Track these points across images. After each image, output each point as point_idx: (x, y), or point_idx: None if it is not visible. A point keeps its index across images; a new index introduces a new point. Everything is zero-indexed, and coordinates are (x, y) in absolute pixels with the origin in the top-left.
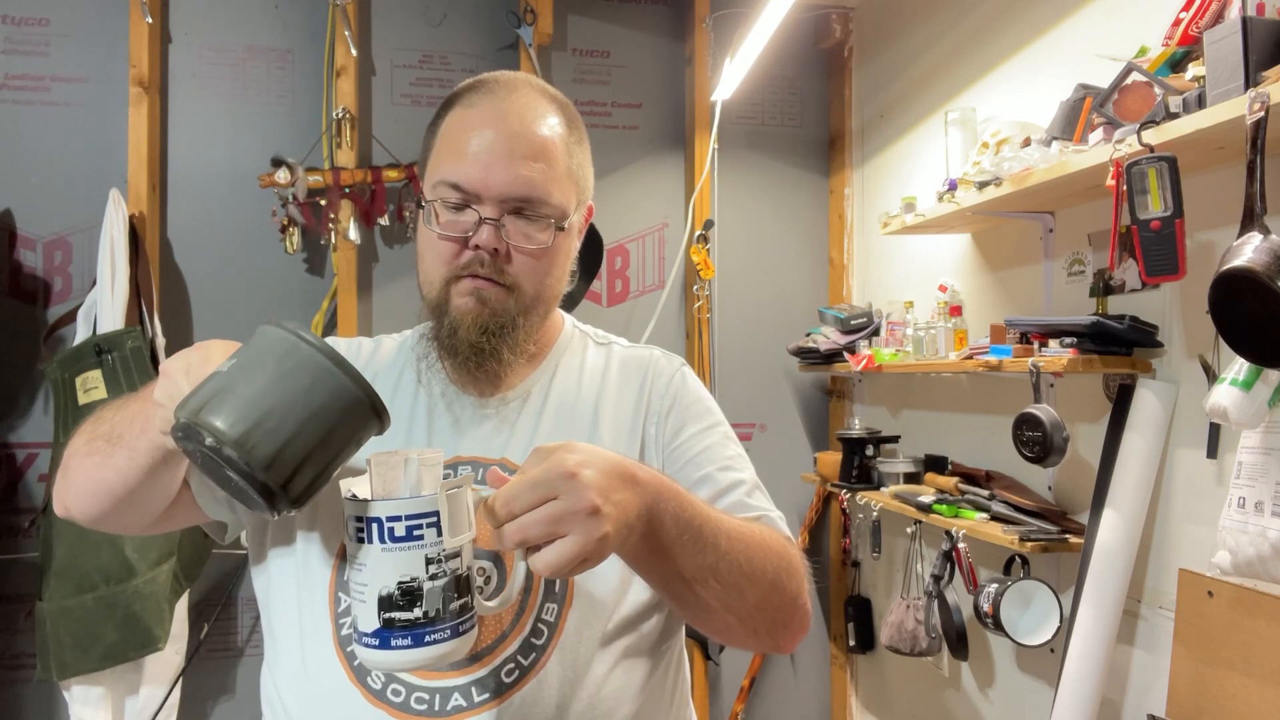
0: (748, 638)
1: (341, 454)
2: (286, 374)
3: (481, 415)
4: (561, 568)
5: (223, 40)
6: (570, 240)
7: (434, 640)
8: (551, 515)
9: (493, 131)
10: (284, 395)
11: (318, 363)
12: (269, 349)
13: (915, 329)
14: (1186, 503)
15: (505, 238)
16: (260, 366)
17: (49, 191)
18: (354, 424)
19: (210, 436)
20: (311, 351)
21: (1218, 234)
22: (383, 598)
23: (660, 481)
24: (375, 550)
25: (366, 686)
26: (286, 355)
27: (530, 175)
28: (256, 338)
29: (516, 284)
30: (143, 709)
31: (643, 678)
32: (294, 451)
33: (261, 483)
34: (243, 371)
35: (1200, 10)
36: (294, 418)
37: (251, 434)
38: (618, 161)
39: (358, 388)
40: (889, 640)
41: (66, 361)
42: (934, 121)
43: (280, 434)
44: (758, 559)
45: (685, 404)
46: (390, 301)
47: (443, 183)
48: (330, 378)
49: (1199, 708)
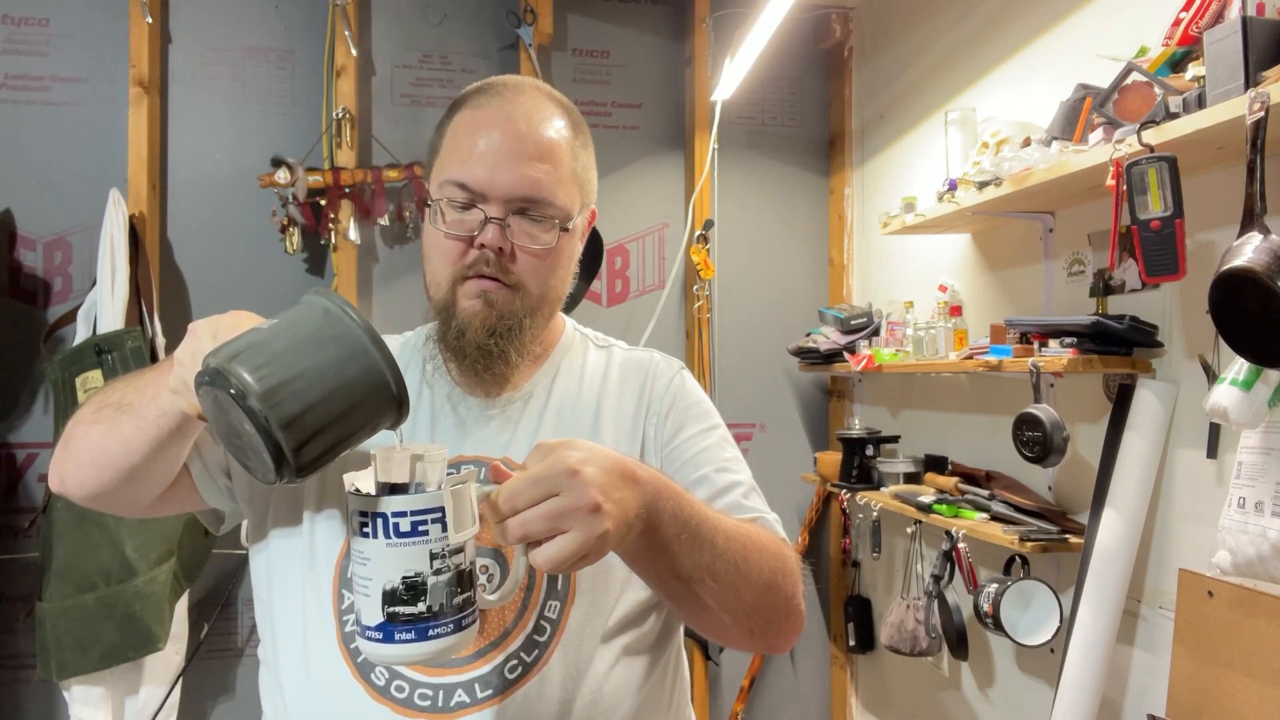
0: (743, 637)
1: (357, 434)
2: (325, 341)
3: (485, 416)
4: (561, 563)
5: (223, 40)
6: (574, 243)
7: (437, 634)
8: (553, 511)
9: (499, 133)
10: (318, 362)
11: (357, 339)
12: (312, 317)
13: (915, 329)
14: (1186, 503)
15: (510, 237)
16: (300, 331)
17: (49, 191)
18: (377, 407)
19: (238, 383)
20: (353, 326)
21: (1218, 234)
22: (387, 592)
23: (659, 481)
24: (380, 545)
25: (370, 683)
26: (329, 324)
27: (536, 176)
28: (300, 305)
29: (521, 284)
30: (143, 709)
31: (642, 675)
32: (315, 418)
33: (276, 441)
34: (282, 332)
35: (1200, 10)
36: (323, 385)
37: (279, 390)
38: (618, 161)
39: (389, 372)
40: (889, 640)
41: (66, 361)
42: (934, 121)
43: (307, 397)
44: (754, 559)
45: (684, 406)
46: (390, 301)
47: (449, 182)
48: (366, 357)
49: (1199, 708)
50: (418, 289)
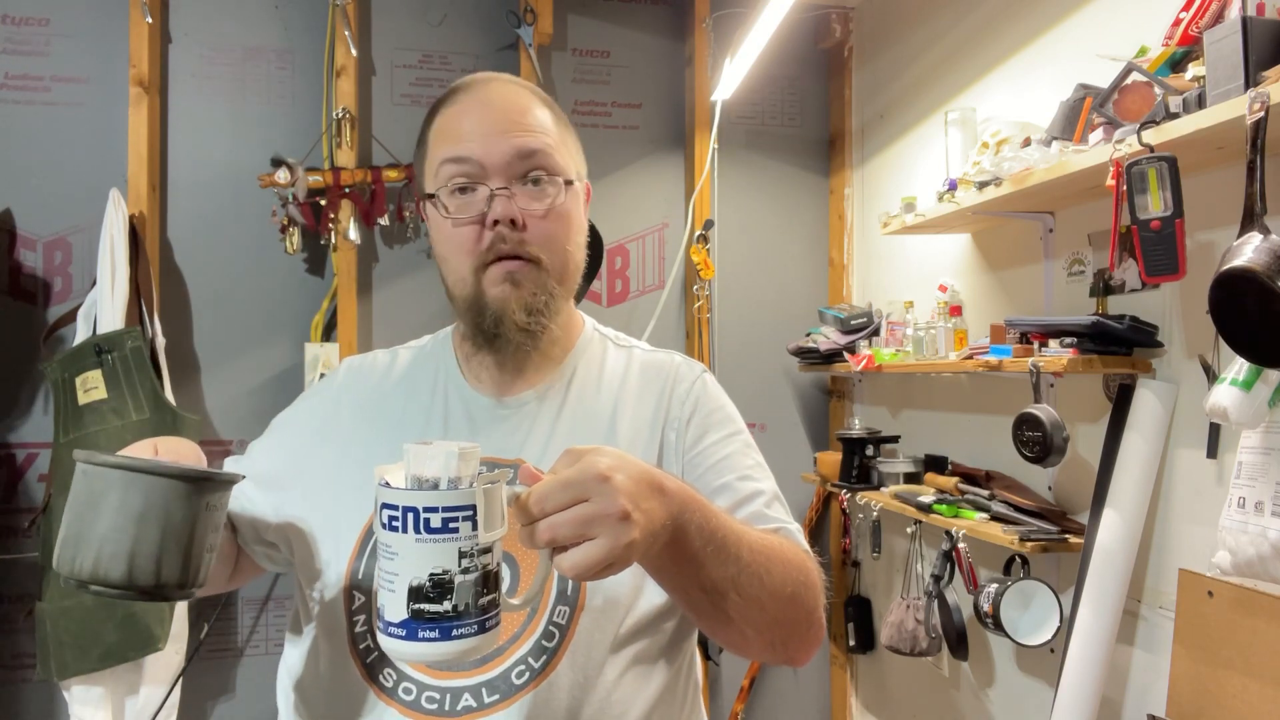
0: (764, 650)
1: (196, 530)
2: (98, 496)
3: (498, 416)
4: (586, 570)
5: (223, 40)
6: (579, 205)
7: (461, 634)
8: (582, 517)
9: (481, 113)
10: (109, 517)
11: (116, 476)
12: (81, 484)
13: (915, 329)
14: (1186, 503)
15: (518, 205)
16: (78, 503)
17: (49, 191)
18: (189, 500)
19: (75, 581)
20: (106, 470)
21: (1218, 234)
22: (413, 588)
23: (686, 492)
24: (409, 540)
25: (378, 684)
26: (93, 481)
27: (527, 138)
28: (75, 477)
29: (541, 255)
30: (143, 709)
31: (654, 683)
32: (145, 557)
33: (137, 592)
34: (71, 515)
35: (1200, 10)
36: (126, 531)
37: (99, 565)
38: (618, 161)
39: (162, 472)
40: (889, 640)
41: (66, 361)
42: (934, 121)
43: (121, 553)
44: (778, 572)
45: (706, 411)
46: (390, 302)
47: (446, 161)
48: (136, 482)
49: (1199, 708)
50: (418, 289)
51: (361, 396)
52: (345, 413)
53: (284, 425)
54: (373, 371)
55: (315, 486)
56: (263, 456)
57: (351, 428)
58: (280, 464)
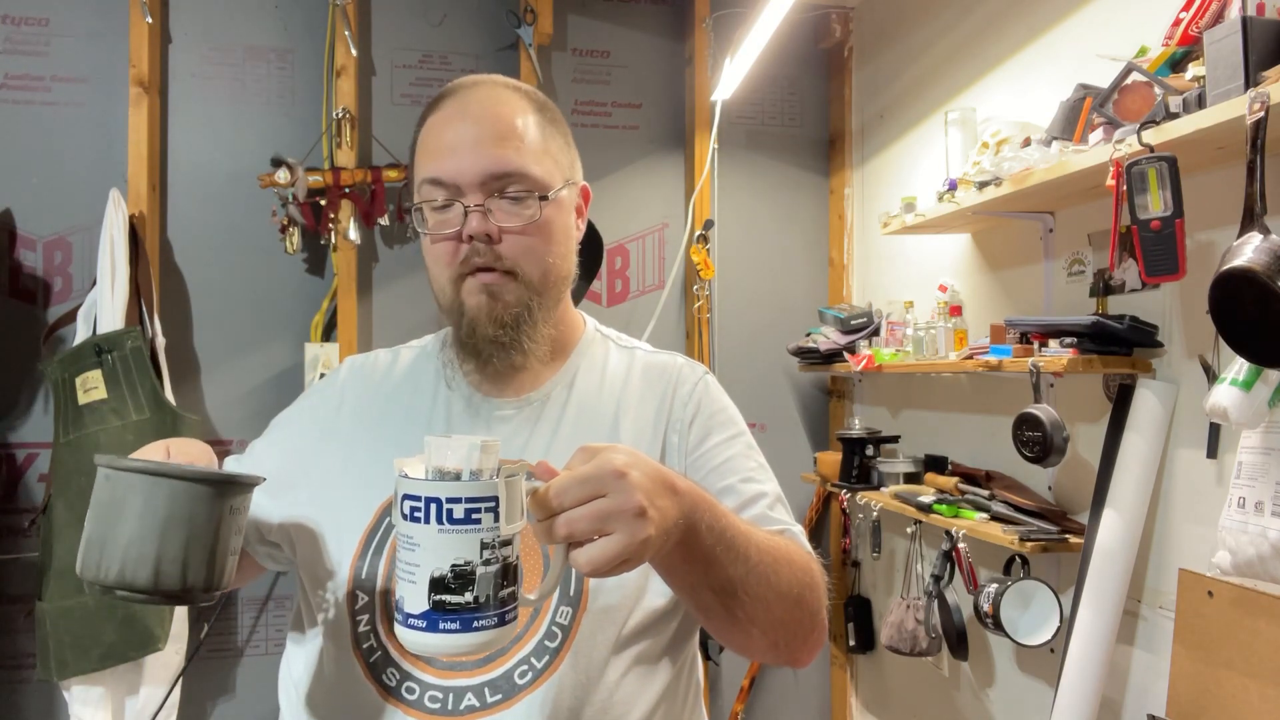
0: (767, 651)
1: (219, 533)
2: (122, 501)
3: (502, 417)
4: (602, 566)
5: (223, 40)
6: (563, 215)
7: (481, 626)
8: (599, 512)
9: (459, 124)
10: (133, 521)
11: (138, 480)
12: (104, 488)
13: (915, 329)
14: (1186, 503)
15: (494, 221)
16: (100, 507)
17: (49, 191)
18: (210, 503)
19: (101, 586)
20: (129, 474)
21: (1218, 234)
22: (435, 579)
23: (696, 492)
24: (431, 530)
25: (381, 683)
26: (116, 486)
27: (501, 153)
28: (96, 482)
29: (517, 267)
30: (143, 709)
31: (656, 684)
32: (170, 561)
33: (162, 596)
34: (94, 518)
35: (1200, 10)
36: (151, 536)
37: (125, 570)
38: (618, 161)
39: (187, 476)
40: (889, 640)
41: (66, 361)
42: (934, 121)
43: (148, 557)
44: (784, 574)
45: (709, 413)
46: (390, 302)
47: (424, 182)
48: (159, 485)
49: (1199, 708)
50: (418, 289)
51: (363, 396)
52: (347, 412)
53: (285, 425)
54: (375, 371)
55: (318, 486)
56: (264, 456)
57: (353, 427)
58: (282, 464)
